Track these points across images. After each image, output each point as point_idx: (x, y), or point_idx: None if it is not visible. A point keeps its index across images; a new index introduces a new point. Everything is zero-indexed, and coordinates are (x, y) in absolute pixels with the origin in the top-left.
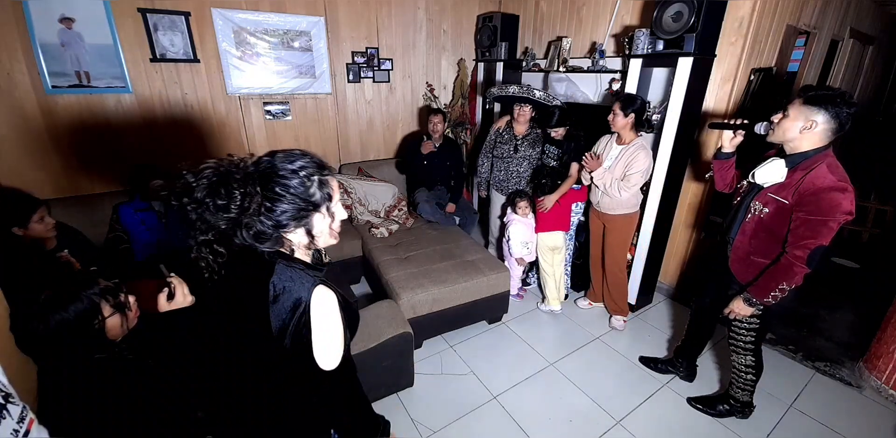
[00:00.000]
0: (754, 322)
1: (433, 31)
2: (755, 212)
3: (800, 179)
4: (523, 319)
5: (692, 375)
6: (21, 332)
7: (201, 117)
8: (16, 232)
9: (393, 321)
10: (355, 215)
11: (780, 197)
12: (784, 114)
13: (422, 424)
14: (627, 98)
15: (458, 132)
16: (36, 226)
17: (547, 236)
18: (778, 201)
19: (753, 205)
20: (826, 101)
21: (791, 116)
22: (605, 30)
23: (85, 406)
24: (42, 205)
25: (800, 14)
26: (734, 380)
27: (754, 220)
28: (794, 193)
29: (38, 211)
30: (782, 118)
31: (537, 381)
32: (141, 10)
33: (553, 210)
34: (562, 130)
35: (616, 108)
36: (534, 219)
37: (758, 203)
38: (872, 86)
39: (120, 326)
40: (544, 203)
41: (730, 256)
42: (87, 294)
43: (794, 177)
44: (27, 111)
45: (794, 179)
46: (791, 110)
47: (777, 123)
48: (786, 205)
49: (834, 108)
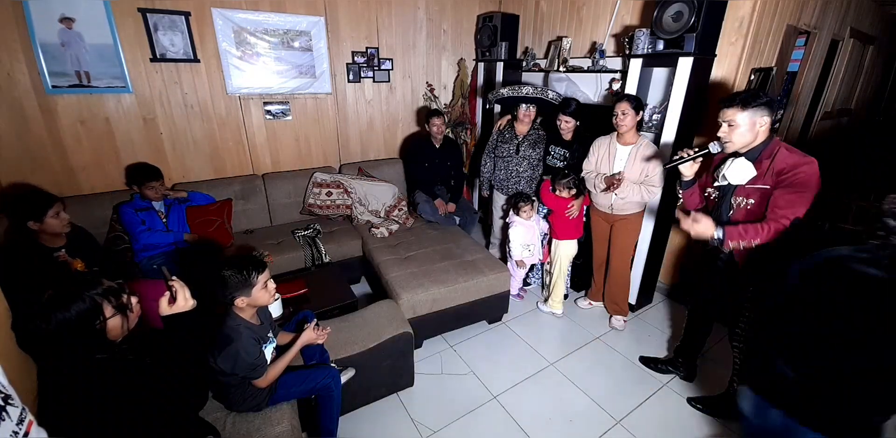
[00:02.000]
0: None
1: (433, 30)
2: (740, 206)
3: (769, 166)
4: (523, 319)
5: (692, 374)
6: (22, 331)
7: (201, 117)
8: (31, 226)
9: (393, 321)
10: (355, 215)
11: (759, 185)
12: (731, 126)
13: (422, 424)
14: (636, 97)
15: (458, 132)
16: (51, 221)
17: (566, 244)
18: (760, 189)
19: (735, 201)
20: (758, 100)
21: (739, 124)
22: (606, 30)
23: (85, 407)
24: (58, 201)
25: (800, 14)
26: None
27: (741, 213)
28: (771, 176)
29: (55, 206)
30: (731, 129)
31: (537, 381)
32: (141, 9)
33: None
34: (572, 123)
35: (627, 108)
36: (537, 221)
37: (739, 198)
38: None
39: (120, 327)
40: (573, 210)
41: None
42: (90, 294)
43: (763, 165)
44: (27, 111)
45: (763, 167)
46: (736, 119)
47: (729, 135)
48: (768, 190)
49: (766, 104)
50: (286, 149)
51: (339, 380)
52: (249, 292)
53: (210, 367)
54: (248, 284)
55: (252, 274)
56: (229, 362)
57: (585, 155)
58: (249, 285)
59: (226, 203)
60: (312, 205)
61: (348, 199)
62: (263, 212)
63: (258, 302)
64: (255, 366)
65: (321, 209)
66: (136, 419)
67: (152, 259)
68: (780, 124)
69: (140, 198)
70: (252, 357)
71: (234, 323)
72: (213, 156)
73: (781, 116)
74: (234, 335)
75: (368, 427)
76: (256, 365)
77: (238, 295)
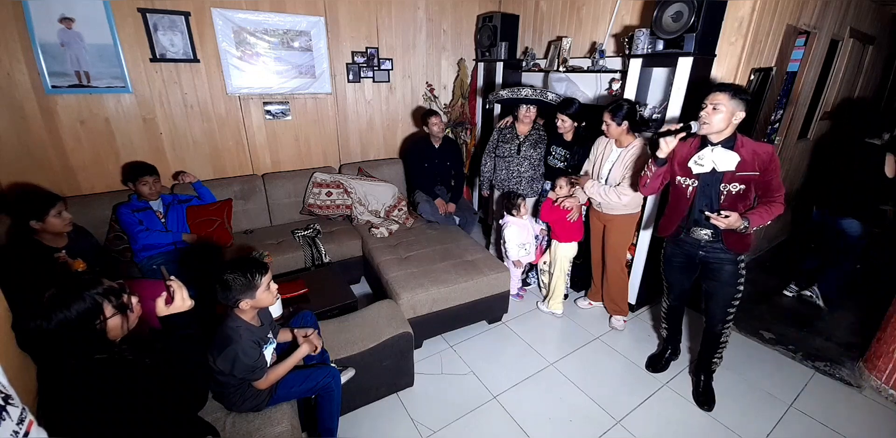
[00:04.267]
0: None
1: (433, 30)
2: (731, 192)
3: (751, 154)
4: (523, 319)
5: (677, 353)
6: (22, 331)
7: (201, 117)
8: (33, 225)
9: (393, 321)
10: (355, 215)
11: (748, 172)
12: (715, 109)
13: (422, 424)
14: (615, 106)
15: (458, 132)
16: (53, 221)
17: (567, 246)
18: (749, 176)
19: (725, 188)
20: (745, 95)
21: (722, 110)
22: (605, 30)
23: (85, 407)
24: (60, 200)
25: (800, 14)
26: (717, 360)
27: (729, 199)
28: (757, 164)
29: (57, 205)
30: (714, 112)
31: (537, 381)
32: (141, 9)
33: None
34: (569, 122)
35: (607, 119)
36: (530, 219)
37: (730, 185)
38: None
39: (120, 327)
40: (572, 214)
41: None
42: (91, 293)
43: (741, 154)
44: (27, 111)
45: (745, 155)
46: (723, 104)
47: (710, 117)
48: (757, 176)
49: (748, 102)
50: (286, 149)
51: (339, 379)
52: (253, 294)
53: (210, 367)
54: (252, 286)
55: (255, 276)
56: (228, 363)
57: (586, 155)
58: (253, 287)
59: (226, 203)
60: (312, 205)
61: (348, 199)
62: (263, 212)
63: (261, 304)
64: (253, 369)
65: (321, 209)
66: (136, 419)
67: (152, 259)
68: (780, 124)
69: (137, 199)
70: (251, 359)
71: (235, 324)
72: (212, 156)
73: (781, 116)
74: (234, 336)
75: (368, 427)
76: (255, 368)
77: (242, 297)
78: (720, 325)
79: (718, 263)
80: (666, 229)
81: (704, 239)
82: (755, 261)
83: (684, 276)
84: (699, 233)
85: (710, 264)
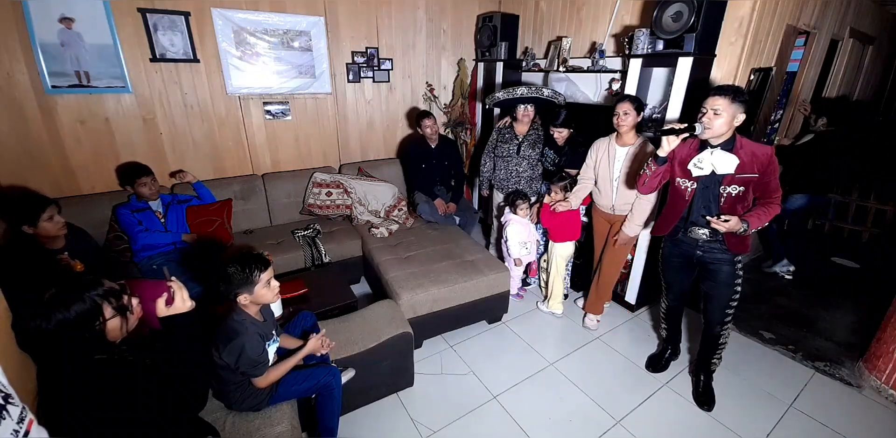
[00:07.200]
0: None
1: (433, 31)
2: (731, 194)
3: (750, 156)
4: (523, 319)
5: (677, 353)
6: (22, 331)
7: (201, 117)
8: (26, 230)
9: (393, 321)
10: (355, 215)
11: (748, 174)
12: (716, 114)
13: (422, 424)
14: (637, 97)
15: (458, 132)
16: (46, 225)
17: (562, 246)
18: (749, 177)
19: (725, 190)
20: (743, 97)
21: (723, 114)
22: (605, 30)
23: (85, 407)
24: (52, 204)
25: (800, 14)
26: (716, 361)
27: (729, 201)
28: (756, 166)
29: (48, 209)
30: (716, 117)
31: (537, 381)
32: (141, 9)
33: (570, 220)
34: (566, 132)
35: (629, 108)
36: (533, 227)
37: (729, 187)
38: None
39: (120, 328)
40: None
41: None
42: (90, 295)
43: (740, 156)
44: (27, 111)
45: (744, 157)
46: (723, 108)
47: (711, 121)
48: (756, 178)
49: (746, 103)
50: (286, 149)
51: (339, 379)
52: (252, 289)
53: (214, 362)
54: (251, 282)
55: (255, 271)
56: (234, 356)
57: (574, 158)
58: (252, 282)
59: (226, 203)
60: (312, 205)
61: (348, 199)
62: (263, 212)
63: (261, 300)
64: (257, 363)
65: (321, 209)
66: (136, 419)
67: (151, 259)
68: (780, 124)
69: (136, 199)
70: (256, 353)
71: (240, 317)
72: (212, 156)
73: (781, 116)
74: (240, 329)
75: (368, 427)
76: (259, 363)
77: (241, 291)
78: (719, 326)
79: (716, 264)
80: (662, 229)
81: (702, 238)
82: (754, 262)
83: (683, 276)
84: (697, 233)
85: (707, 265)
